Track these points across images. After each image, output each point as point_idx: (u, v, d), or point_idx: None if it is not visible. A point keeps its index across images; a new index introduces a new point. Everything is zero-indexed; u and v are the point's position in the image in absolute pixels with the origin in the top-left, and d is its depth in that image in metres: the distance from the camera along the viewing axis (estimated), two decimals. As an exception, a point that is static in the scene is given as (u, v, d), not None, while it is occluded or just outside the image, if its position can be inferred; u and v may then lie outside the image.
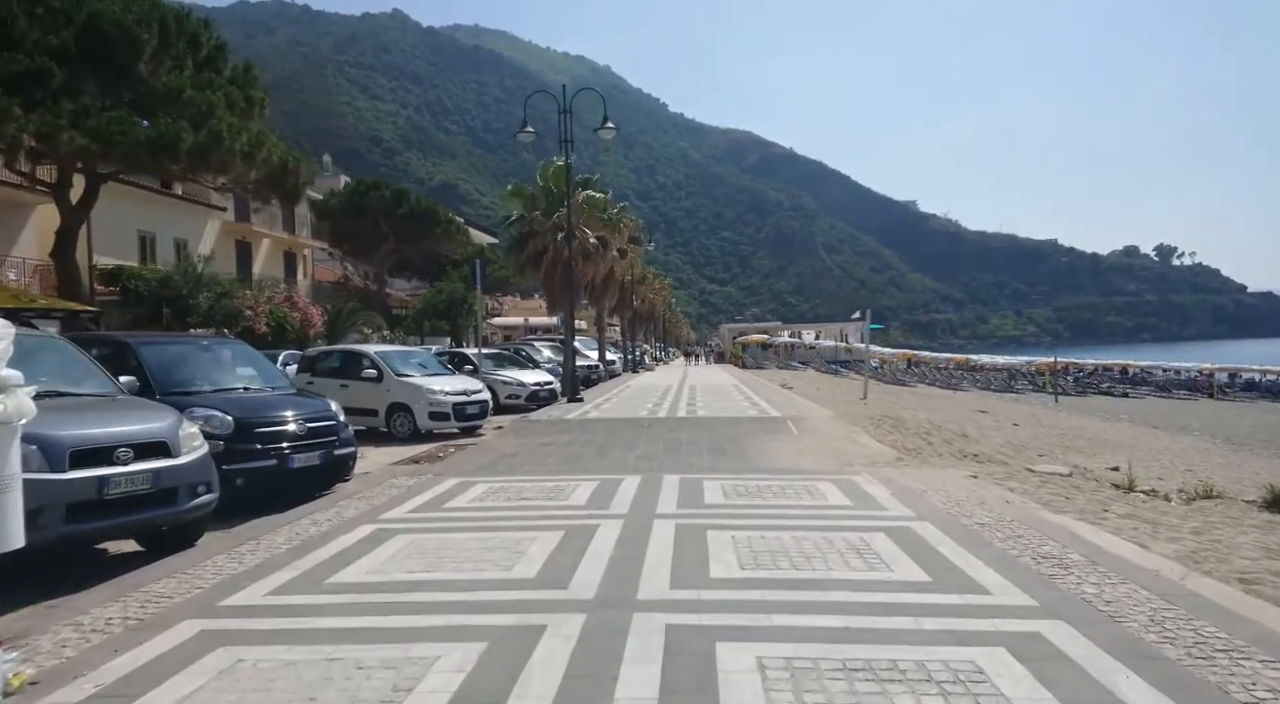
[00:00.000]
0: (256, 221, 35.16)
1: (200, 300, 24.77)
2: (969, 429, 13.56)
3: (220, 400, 6.91)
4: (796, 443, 10.53)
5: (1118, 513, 6.16)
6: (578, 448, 10.25)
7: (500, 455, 9.88)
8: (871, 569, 4.13)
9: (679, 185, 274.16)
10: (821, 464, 8.55)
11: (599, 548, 4.60)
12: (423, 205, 43.59)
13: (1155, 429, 24.36)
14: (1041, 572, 4.13)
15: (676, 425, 12.56)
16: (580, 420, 13.56)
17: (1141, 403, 38.32)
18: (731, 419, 13.29)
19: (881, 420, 12.86)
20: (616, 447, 10.24)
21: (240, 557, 4.69)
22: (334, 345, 17.99)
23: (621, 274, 35.85)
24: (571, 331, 19.90)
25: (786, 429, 12.07)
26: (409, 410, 11.78)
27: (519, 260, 21.29)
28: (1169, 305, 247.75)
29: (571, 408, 15.92)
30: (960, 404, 28.65)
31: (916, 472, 7.84)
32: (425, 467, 9.02)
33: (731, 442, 10.61)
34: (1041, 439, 17.50)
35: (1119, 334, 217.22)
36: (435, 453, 10.39)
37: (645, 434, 11.53)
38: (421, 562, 4.38)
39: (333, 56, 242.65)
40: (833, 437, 11.17)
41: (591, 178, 22.54)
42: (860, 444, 10.47)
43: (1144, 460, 15.85)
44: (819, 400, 21.20)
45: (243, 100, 20.60)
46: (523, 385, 16.79)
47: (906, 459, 9.26)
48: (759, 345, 54.55)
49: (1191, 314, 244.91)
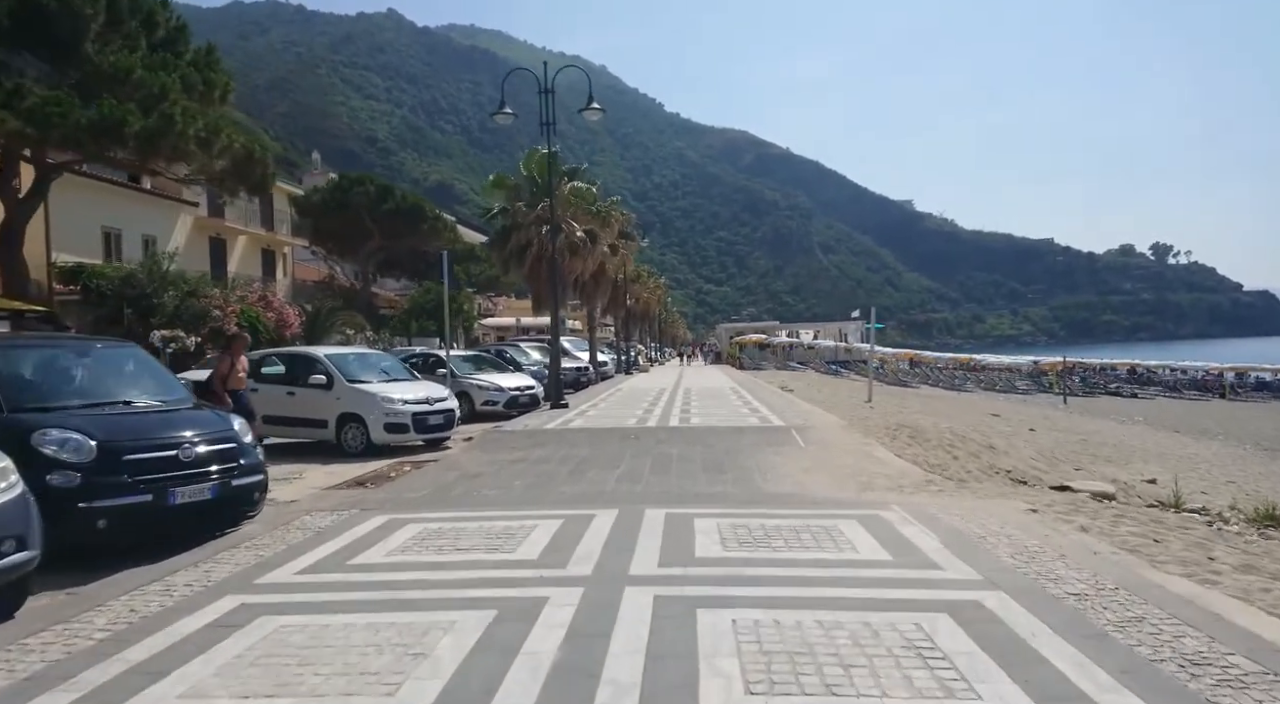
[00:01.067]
0: (231, 217, 33.60)
1: (165, 300, 23.26)
2: (994, 439, 12.15)
3: (85, 420, 5.43)
4: (804, 458, 9.10)
5: (1230, 563, 4.74)
6: (552, 466, 8.80)
7: (461, 475, 8.43)
8: (951, 697, 2.69)
9: (675, 185, 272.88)
10: (839, 488, 7.13)
11: (536, 647, 3.15)
12: (409, 201, 42.08)
13: (1176, 433, 23.01)
14: (1210, 700, 2.70)
15: (668, 437, 11.12)
16: (560, 431, 12.11)
17: (1152, 404, 36.98)
18: (730, 429, 11.85)
19: (898, 430, 11.44)
20: (596, 464, 8.80)
21: (36, 650, 3.25)
22: (281, 348, 16.27)
23: (614, 272, 34.39)
24: (557, 331, 18.47)
25: (791, 440, 10.64)
26: (362, 422, 10.32)
27: (502, 255, 19.80)
28: (1165, 304, 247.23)
29: (554, 415, 14.47)
30: (969, 407, 27.26)
31: (959, 502, 6.41)
32: (364, 494, 7.56)
33: (730, 457, 9.18)
34: (1065, 447, 16.10)
35: (1115, 333, 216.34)
36: (386, 472, 8.94)
37: (632, 447, 10.10)
38: (268, 678, 2.92)
39: (327, 56, 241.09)
40: (846, 450, 9.75)
41: (579, 168, 21.08)
42: (879, 460, 9.05)
43: (1179, 469, 14.46)
44: (823, 404, 19.78)
45: (201, 84, 19.11)
46: (501, 390, 15.34)
47: (937, 481, 7.83)
48: (757, 345, 53.13)
49: (1188, 313, 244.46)
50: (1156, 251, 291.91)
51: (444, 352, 17.36)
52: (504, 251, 19.58)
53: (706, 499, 6.62)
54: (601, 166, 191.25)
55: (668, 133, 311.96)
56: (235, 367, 8.86)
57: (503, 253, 19.65)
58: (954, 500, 6.50)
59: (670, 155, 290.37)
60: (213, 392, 8.49)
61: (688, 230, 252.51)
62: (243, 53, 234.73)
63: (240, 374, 8.96)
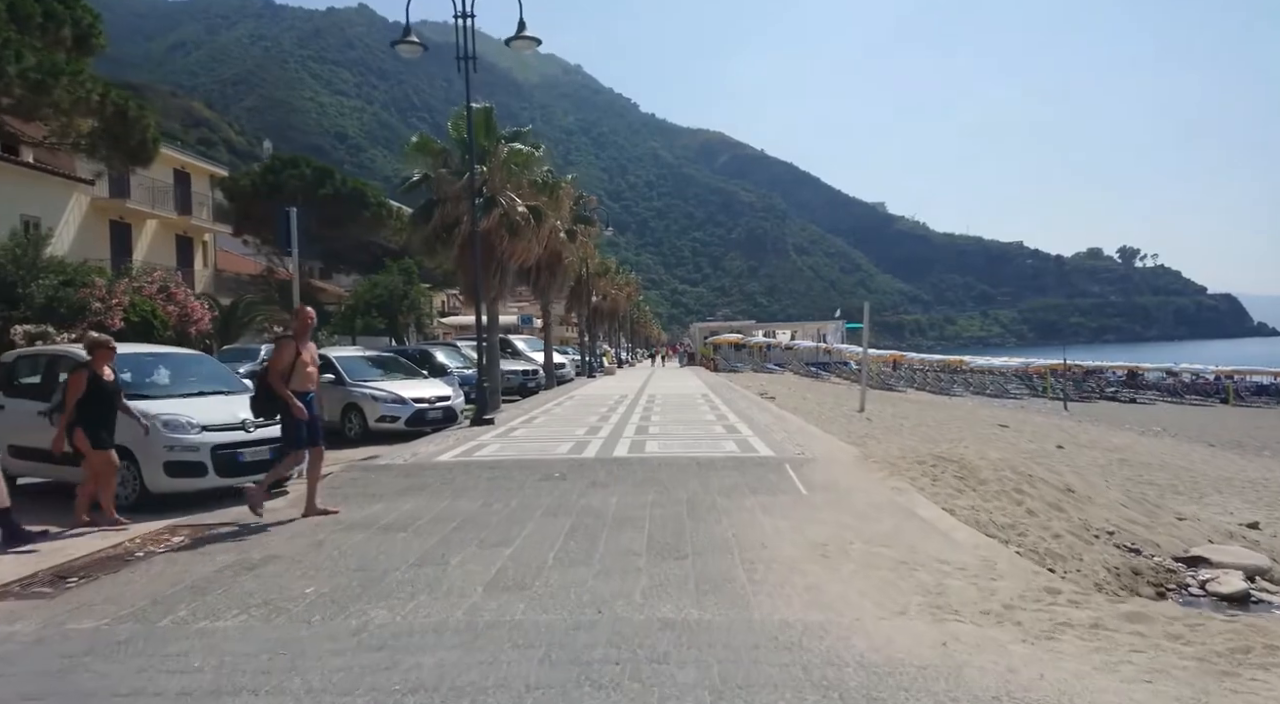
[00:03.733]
0: (139, 199, 29.44)
1: (34, 289, 19.24)
2: (1065, 473, 8.87)
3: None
4: (812, 521, 5.73)
5: None
6: (395, 547, 5.24)
7: (189, 588, 4.67)
8: None
9: (650, 185, 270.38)
10: (889, 612, 3.75)
11: None
12: (349, 186, 38.12)
13: (1210, 446, 20.16)
14: None
15: (608, 476, 7.68)
16: (456, 466, 8.56)
17: (1156, 410, 34.46)
18: (697, 461, 8.43)
19: (937, 465, 8.08)
20: (473, 541, 5.32)
21: None
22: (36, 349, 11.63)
23: (574, 262, 30.83)
24: (480, 327, 14.97)
25: (786, 482, 7.28)
26: (133, 459, 6.71)
27: (424, 235, 16.17)
28: (1132, 306, 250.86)
29: (468, 436, 10.94)
30: (970, 416, 24.22)
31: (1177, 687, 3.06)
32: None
33: (695, 519, 5.77)
34: (1117, 474, 12.98)
35: (1083, 335, 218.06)
36: (97, 562, 5.30)
37: (549, 497, 6.66)
38: None
39: (296, 51, 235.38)
40: (871, 502, 6.40)
41: (524, 130, 17.52)
42: (928, 525, 5.70)
43: (1266, 504, 11.43)
44: (812, 415, 16.48)
45: (41, 15, 15.27)
46: (401, 403, 11.74)
47: (1055, 585, 4.50)
48: (732, 346, 49.89)
49: (1154, 315, 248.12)
50: (1124, 255, 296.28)
51: (342, 351, 13.75)
52: (426, 230, 15.98)
53: (637, 647, 3.23)
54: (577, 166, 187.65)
55: (643, 133, 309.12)
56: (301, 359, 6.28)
57: (424, 232, 16.04)
58: (1133, 665, 3.14)
59: (645, 155, 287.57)
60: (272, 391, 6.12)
61: (663, 231, 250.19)
62: (210, 47, 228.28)
63: (310, 369, 6.30)
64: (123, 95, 17.50)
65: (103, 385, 6.32)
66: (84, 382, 6.22)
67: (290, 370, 6.06)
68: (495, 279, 16.61)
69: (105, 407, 6.33)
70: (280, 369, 6.05)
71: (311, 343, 6.56)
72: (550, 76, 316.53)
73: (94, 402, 6.23)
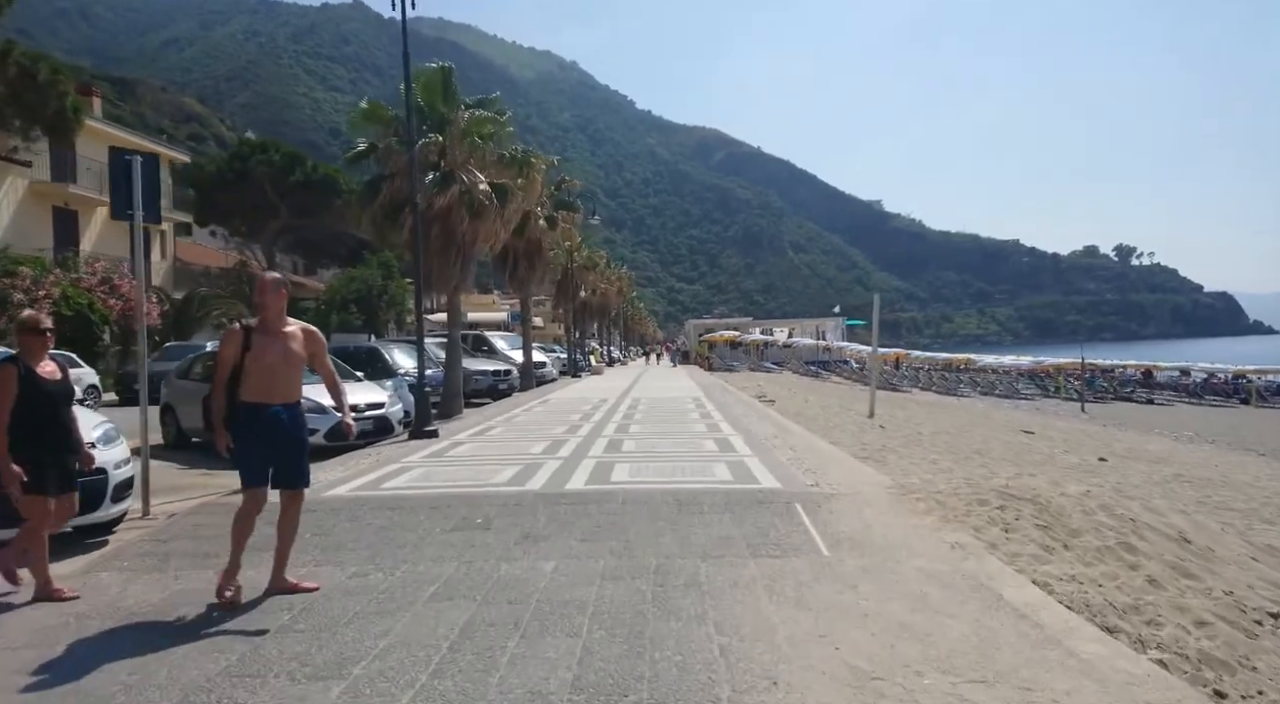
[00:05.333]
0: (86, 184, 27.18)
1: (-52, 280, 17.11)
2: (1165, 510, 6.78)
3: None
4: (846, 617, 3.61)
5: None
6: (113, 692, 3.13)
7: None
8: None
9: (646, 182, 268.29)
10: None
11: None
12: (320, 172, 35.91)
13: (1261, 455, 18.14)
14: None
15: (550, 523, 5.53)
16: (349, 504, 6.36)
17: (1176, 411, 32.48)
18: (677, 497, 6.28)
19: (1005, 507, 5.94)
20: (289, 664, 3.18)
21: None
22: None
23: (558, 252, 28.67)
24: (422, 322, 12.81)
25: (800, 535, 5.16)
26: None
27: (370, 213, 14.00)
28: (1128, 305, 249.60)
29: (395, 455, 8.79)
30: (985, 419, 22.15)
31: None
32: None
33: (664, 610, 3.63)
34: (1181, 495, 10.87)
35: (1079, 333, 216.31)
36: None
37: (453, 562, 4.53)
38: None
39: (290, 46, 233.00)
40: (930, 575, 4.28)
41: (491, 97, 15.35)
42: (1033, 621, 3.60)
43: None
44: (818, 424, 14.37)
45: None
46: (322, 412, 9.59)
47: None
48: (728, 344, 47.76)
49: (1151, 313, 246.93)
50: (1120, 253, 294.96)
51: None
52: (373, 208, 13.81)
53: None
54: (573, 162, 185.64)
55: (639, 130, 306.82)
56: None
57: (372, 210, 13.87)
58: None
59: (641, 152, 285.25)
60: None
61: (659, 228, 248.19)
62: (203, 43, 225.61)
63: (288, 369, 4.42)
64: (29, 55, 15.36)
65: (41, 386, 4.15)
66: (13, 381, 4.02)
67: (238, 371, 4.00)
68: (455, 267, 14.45)
69: (46, 417, 4.13)
70: (220, 374, 4.06)
71: (299, 330, 4.22)
72: (546, 73, 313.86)
73: (30, 410, 4.05)
